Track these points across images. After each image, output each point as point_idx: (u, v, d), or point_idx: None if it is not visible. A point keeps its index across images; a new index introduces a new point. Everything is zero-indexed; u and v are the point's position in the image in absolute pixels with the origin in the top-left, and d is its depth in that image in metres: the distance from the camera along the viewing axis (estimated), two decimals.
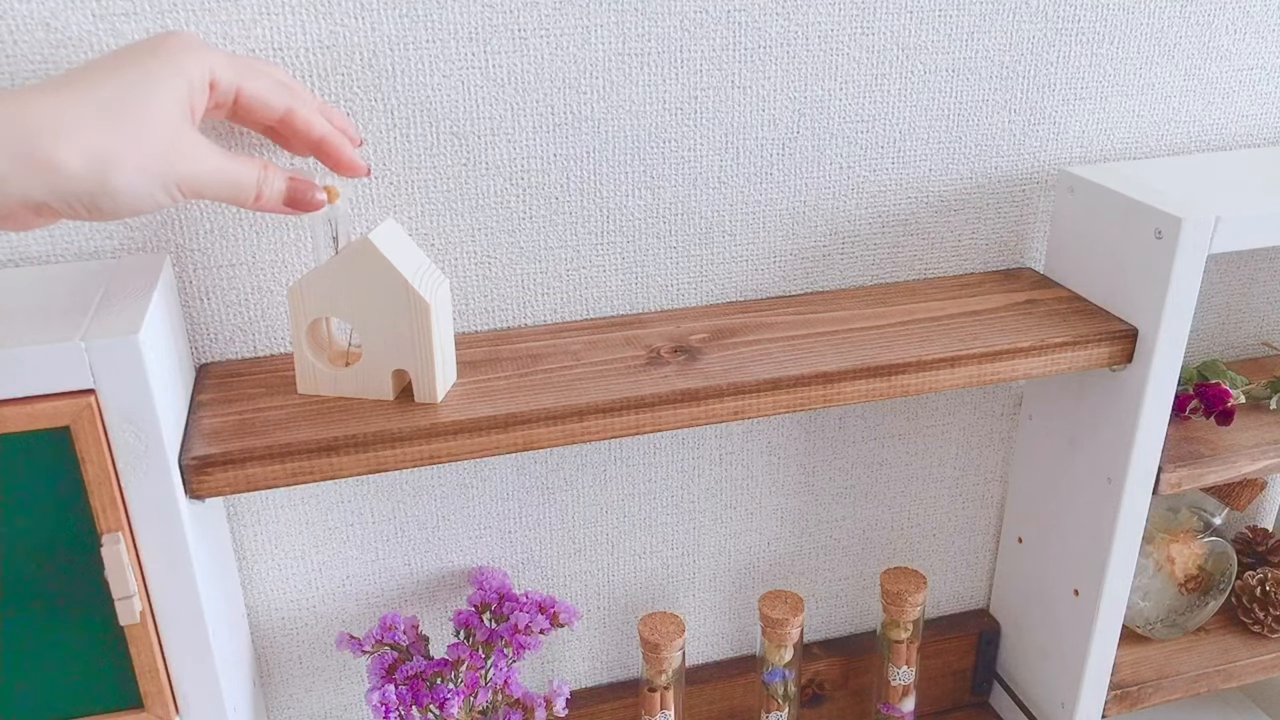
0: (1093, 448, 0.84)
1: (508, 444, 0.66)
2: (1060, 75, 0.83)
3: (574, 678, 0.95)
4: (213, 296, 0.72)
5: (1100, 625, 0.87)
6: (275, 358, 0.74)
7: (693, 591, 0.95)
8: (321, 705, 0.88)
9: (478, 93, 0.71)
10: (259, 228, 0.71)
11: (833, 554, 0.98)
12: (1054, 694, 0.94)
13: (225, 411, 0.66)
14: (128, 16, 0.63)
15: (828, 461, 0.93)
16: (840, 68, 0.78)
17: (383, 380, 0.66)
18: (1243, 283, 0.99)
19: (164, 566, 0.60)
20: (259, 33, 0.65)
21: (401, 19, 0.68)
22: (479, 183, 0.74)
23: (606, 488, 0.88)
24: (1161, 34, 0.84)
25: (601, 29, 0.72)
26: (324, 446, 0.63)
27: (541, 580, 0.90)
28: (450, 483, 0.83)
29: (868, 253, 0.85)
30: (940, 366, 0.73)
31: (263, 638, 0.84)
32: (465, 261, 0.76)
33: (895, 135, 0.82)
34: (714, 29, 0.74)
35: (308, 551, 0.82)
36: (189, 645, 0.62)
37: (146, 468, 0.57)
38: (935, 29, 0.79)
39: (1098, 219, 0.80)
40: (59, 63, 0.63)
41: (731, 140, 0.78)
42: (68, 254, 0.68)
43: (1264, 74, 0.89)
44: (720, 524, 0.93)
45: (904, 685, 0.94)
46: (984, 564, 1.03)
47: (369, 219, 0.73)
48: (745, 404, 0.70)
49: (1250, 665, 0.97)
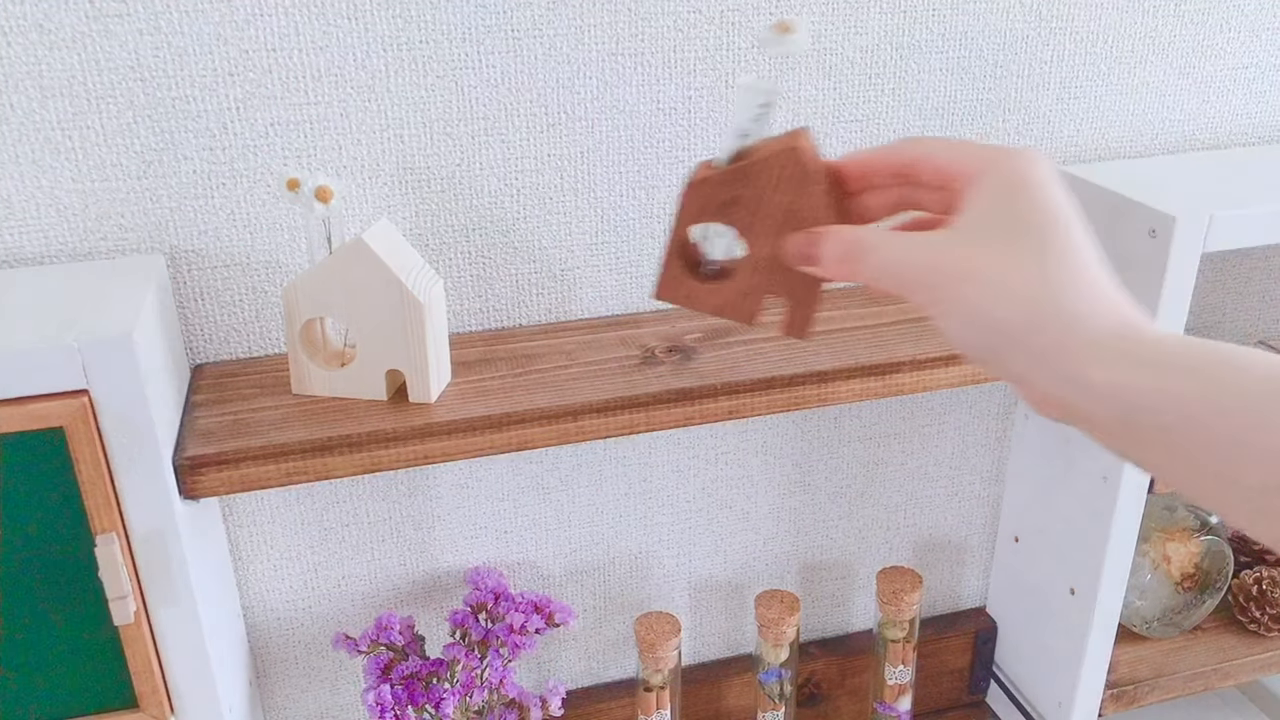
0: (1088, 446, 0.84)
1: (502, 444, 0.66)
2: (1054, 74, 0.83)
3: (570, 678, 0.95)
4: (207, 297, 0.72)
5: (1096, 624, 0.87)
6: (270, 358, 0.74)
7: (689, 591, 0.95)
8: (317, 705, 0.88)
9: (471, 93, 0.71)
10: (253, 228, 0.71)
11: (829, 553, 0.98)
12: (1051, 693, 0.94)
13: (220, 412, 0.66)
14: (121, 18, 0.63)
15: (823, 461, 0.93)
16: (834, 67, 0.78)
17: (377, 380, 0.66)
18: (1238, 281, 0.99)
19: (158, 566, 0.60)
20: (253, 34, 0.66)
21: (395, 19, 0.68)
22: (473, 183, 0.74)
23: (602, 487, 0.88)
24: (1155, 33, 0.85)
25: (595, 29, 0.72)
26: (318, 446, 0.63)
27: (537, 580, 0.90)
28: (446, 483, 0.83)
29: None
30: (935, 365, 0.73)
31: (258, 638, 0.84)
32: (459, 261, 0.76)
33: (889, 134, 0.82)
34: (707, 29, 0.74)
35: (303, 552, 0.82)
36: (184, 645, 0.62)
37: (140, 468, 0.57)
38: (929, 28, 0.79)
39: (1092, 218, 0.78)
40: (53, 64, 0.63)
41: (727, 140, 0.78)
42: (62, 254, 0.68)
43: (1258, 72, 0.89)
44: (716, 524, 0.93)
45: (901, 684, 0.94)
46: (980, 563, 1.03)
47: (362, 219, 0.73)
48: (740, 403, 0.70)
49: (1247, 664, 0.97)
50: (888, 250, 0.50)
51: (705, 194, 0.56)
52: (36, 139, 0.65)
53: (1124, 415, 0.45)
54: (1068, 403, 0.47)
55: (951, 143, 0.52)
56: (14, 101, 0.63)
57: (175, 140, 0.67)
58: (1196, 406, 0.43)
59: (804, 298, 0.56)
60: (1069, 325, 0.46)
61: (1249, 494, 0.42)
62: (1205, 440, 0.43)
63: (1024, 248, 0.47)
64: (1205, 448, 0.43)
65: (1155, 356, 0.45)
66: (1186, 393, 0.44)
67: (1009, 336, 0.47)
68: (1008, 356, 0.48)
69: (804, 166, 0.53)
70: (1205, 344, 0.46)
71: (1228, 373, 0.44)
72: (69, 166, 0.66)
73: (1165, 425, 0.44)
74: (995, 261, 0.47)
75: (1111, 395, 0.45)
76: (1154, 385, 0.44)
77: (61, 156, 0.66)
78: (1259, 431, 0.42)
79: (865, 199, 0.55)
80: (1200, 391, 0.44)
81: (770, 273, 0.56)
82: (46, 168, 0.66)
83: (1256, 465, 0.42)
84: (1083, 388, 0.46)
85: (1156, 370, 0.45)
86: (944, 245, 0.49)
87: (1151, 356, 0.45)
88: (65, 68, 0.63)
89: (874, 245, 0.51)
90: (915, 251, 0.50)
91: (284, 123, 0.68)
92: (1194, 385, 0.44)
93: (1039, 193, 0.48)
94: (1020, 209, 0.48)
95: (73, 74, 0.64)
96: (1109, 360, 0.45)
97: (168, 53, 0.65)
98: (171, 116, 0.66)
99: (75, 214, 0.67)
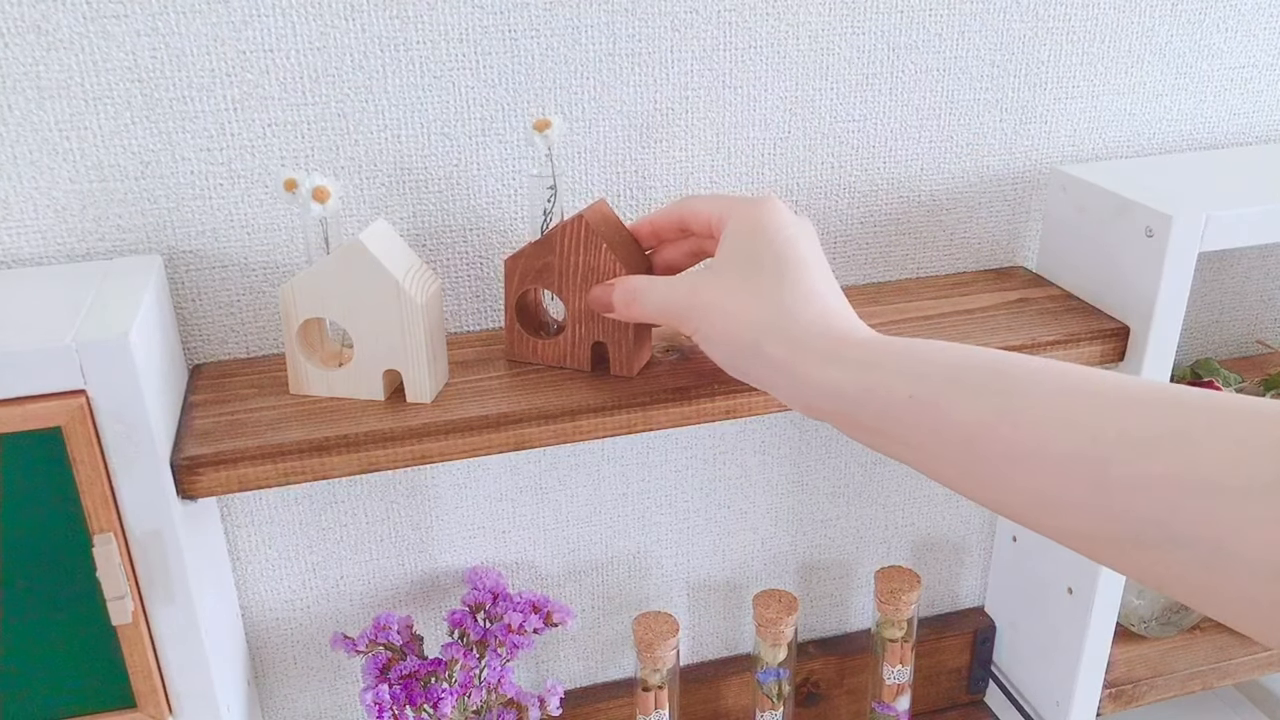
0: None
1: (500, 443, 0.66)
2: (1051, 74, 0.84)
3: (568, 677, 0.95)
4: (205, 297, 0.72)
5: (1095, 623, 0.87)
6: (268, 358, 0.74)
7: (687, 591, 0.95)
8: (316, 705, 0.88)
9: (469, 93, 0.71)
10: (250, 229, 0.71)
11: (827, 553, 0.98)
12: (1049, 692, 0.94)
13: (217, 412, 0.66)
14: (119, 19, 0.63)
15: (821, 460, 0.93)
16: (831, 67, 0.78)
17: (374, 380, 0.66)
18: (1236, 280, 0.99)
19: (156, 566, 0.60)
20: (249, 34, 0.66)
21: (392, 20, 0.68)
22: (470, 183, 0.74)
23: (600, 487, 0.88)
24: (1152, 32, 0.85)
25: (592, 29, 0.72)
26: (316, 446, 0.63)
27: (535, 580, 0.90)
28: (444, 483, 0.83)
29: (859, 252, 0.85)
30: None
31: (257, 637, 0.84)
32: (457, 262, 0.76)
33: (886, 135, 0.82)
34: (704, 29, 0.74)
35: (302, 552, 0.82)
36: (182, 645, 0.63)
37: (138, 468, 0.58)
38: (926, 28, 0.79)
39: (1089, 217, 0.80)
40: (50, 65, 0.63)
41: (723, 140, 0.78)
42: (59, 255, 0.68)
43: (1255, 72, 0.89)
44: (714, 523, 0.93)
45: (899, 684, 0.94)
46: (979, 562, 1.04)
47: (360, 219, 0.73)
48: (737, 403, 0.70)
49: (1245, 663, 0.97)
50: (655, 292, 0.61)
51: (522, 264, 0.68)
52: (34, 140, 0.65)
53: (845, 410, 0.53)
54: (808, 403, 0.55)
55: (711, 198, 0.62)
56: (11, 103, 0.64)
57: (173, 141, 0.67)
58: (890, 395, 0.50)
59: (621, 340, 0.67)
60: (795, 338, 0.54)
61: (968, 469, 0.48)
62: (904, 425, 0.50)
63: (757, 280, 0.56)
64: (910, 431, 0.50)
65: (862, 356, 0.53)
66: (881, 384, 0.51)
67: (748, 352, 0.56)
68: (751, 368, 0.57)
69: (591, 230, 0.65)
70: (908, 341, 0.53)
71: (911, 363, 0.51)
72: (66, 167, 0.66)
73: (875, 414, 0.51)
74: (734, 293, 0.57)
75: (832, 393, 0.53)
76: (858, 381, 0.52)
77: (59, 157, 0.66)
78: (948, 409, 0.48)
79: (665, 253, 0.67)
80: (888, 382, 0.51)
81: (588, 323, 0.67)
82: (44, 168, 0.66)
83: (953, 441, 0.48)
84: (811, 388, 0.54)
85: (861, 367, 0.52)
86: (698, 284, 0.59)
87: (859, 357, 0.53)
88: (63, 69, 0.64)
89: (645, 289, 0.62)
90: (676, 292, 0.60)
91: (281, 123, 0.69)
92: (883, 377, 0.51)
93: (770, 235, 0.57)
94: (755, 249, 0.57)
95: (70, 75, 0.64)
96: (825, 362, 0.53)
97: (165, 54, 0.65)
98: (169, 117, 0.66)
99: (73, 215, 0.67)
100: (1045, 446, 0.44)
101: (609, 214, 0.68)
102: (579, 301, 0.67)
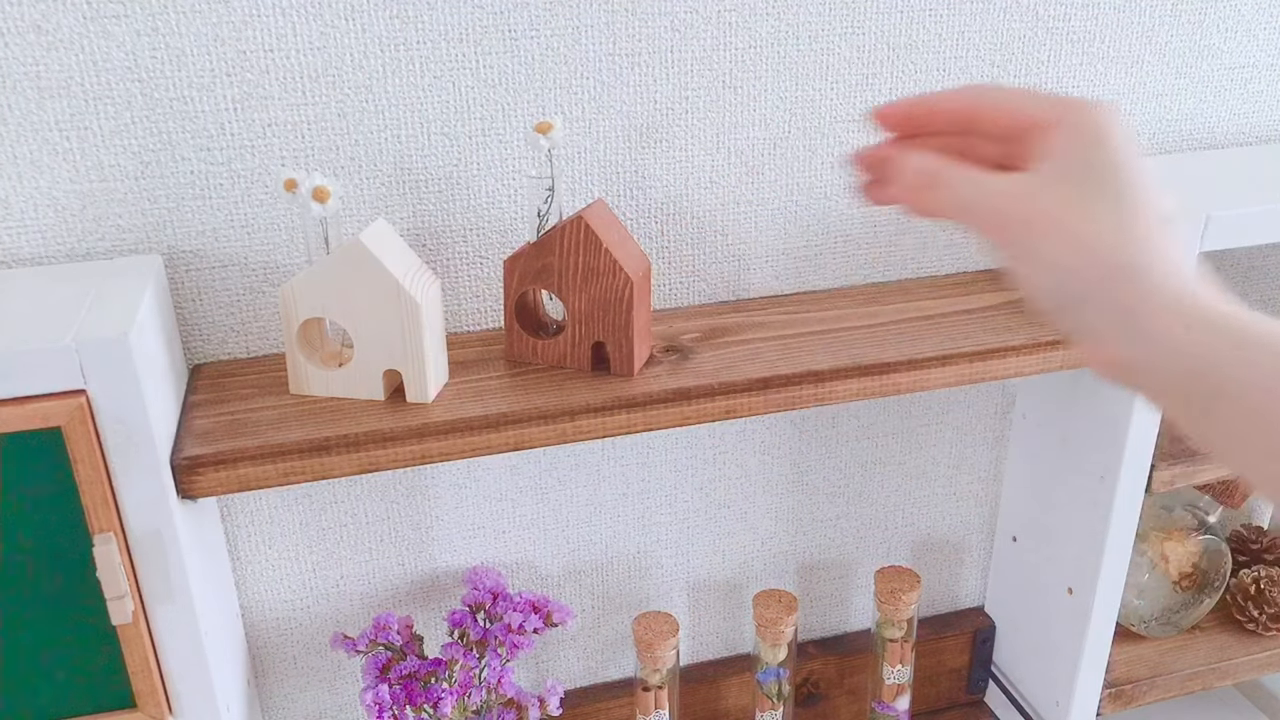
0: (1086, 445, 0.84)
1: (500, 443, 0.66)
2: (1051, 74, 0.84)
3: (568, 677, 0.95)
4: (205, 297, 0.72)
5: (1094, 623, 0.87)
6: (268, 358, 0.74)
7: (687, 591, 0.95)
8: (315, 705, 0.88)
9: (468, 93, 0.71)
10: (250, 229, 0.71)
11: (827, 553, 0.98)
12: (1049, 692, 0.94)
13: (217, 412, 0.66)
14: (119, 19, 0.63)
15: (821, 460, 0.93)
16: (831, 67, 0.78)
17: (374, 380, 0.66)
18: (1236, 280, 0.99)
19: (156, 566, 0.60)
20: (250, 34, 0.66)
21: (392, 20, 0.68)
22: (470, 183, 0.74)
23: (599, 487, 0.88)
24: (1152, 33, 0.85)
25: (592, 29, 0.72)
26: (316, 446, 0.63)
27: (535, 580, 0.90)
28: (444, 483, 0.83)
29: (860, 252, 0.85)
30: (932, 365, 0.73)
31: (257, 637, 0.84)
32: (456, 262, 0.76)
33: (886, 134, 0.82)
34: (704, 29, 0.74)
35: (302, 552, 0.82)
36: (182, 645, 0.63)
37: (138, 467, 0.58)
38: (925, 28, 0.79)
39: None
40: (50, 65, 0.63)
41: (723, 140, 0.78)
42: (59, 255, 0.68)
43: (1254, 72, 0.89)
44: (714, 523, 0.93)
45: (899, 684, 0.94)
46: (979, 562, 1.03)
47: (360, 219, 0.73)
48: (736, 403, 0.70)
49: (1245, 663, 0.97)
50: (971, 183, 0.49)
51: (521, 264, 0.68)
52: (34, 140, 0.65)
53: (1197, 376, 0.45)
54: (1136, 361, 0.46)
55: (1021, 91, 0.50)
56: (12, 102, 0.64)
57: (173, 141, 0.67)
58: (1273, 380, 0.43)
59: (621, 340, 0.68)
60: (1147, 281, 0.45)
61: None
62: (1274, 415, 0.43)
63: (1102, 201, 0.46)
64: (1273, 423, 0.43)
65: (1233, 325, 0.45)
66: (1265, 364, 0.43)
67: (1084, 288, 0.46)
68: (1081, 308, 0.47)
69: (591, 231, 0.65)
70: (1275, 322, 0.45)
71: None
72: (67, 167, 0.66)
73: (1234, 393, 0.44)
74: (1074, 213, 0.46)
75: (1189, 354, 0.45)
76: (1231, 351, 0.44)
77: (59, 157, 0.66)
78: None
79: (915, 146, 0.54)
80: (1259, 359, 0.43)
81: (588, 323, 0.68)
82: (44, 168, 0.66)
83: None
84: (1157, 345, 0.45)
85: (1234, 337, 0.44)
86: (1023, 191, 0.48)
87: (1228, 324, 0.45)
88: (63, 69, 0.63)
89: (955, 176, 0.50)
90: (994, 194, 0.48)
91: (281, 123, 0.69)
92: (1271, 359, 0.43)
93: (1117, 148, 0.46)
94: (1098, 163, 0.47)
95: (70, 75, 0.64)
96: (1188, 320, 0.45)
97: (165, 54, 0.65)
98: (169, 117, 0.66)
99: (73, 214, 0.67)
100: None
101: (608, 214, 0.68)
102: (579, 302, 0.67)
